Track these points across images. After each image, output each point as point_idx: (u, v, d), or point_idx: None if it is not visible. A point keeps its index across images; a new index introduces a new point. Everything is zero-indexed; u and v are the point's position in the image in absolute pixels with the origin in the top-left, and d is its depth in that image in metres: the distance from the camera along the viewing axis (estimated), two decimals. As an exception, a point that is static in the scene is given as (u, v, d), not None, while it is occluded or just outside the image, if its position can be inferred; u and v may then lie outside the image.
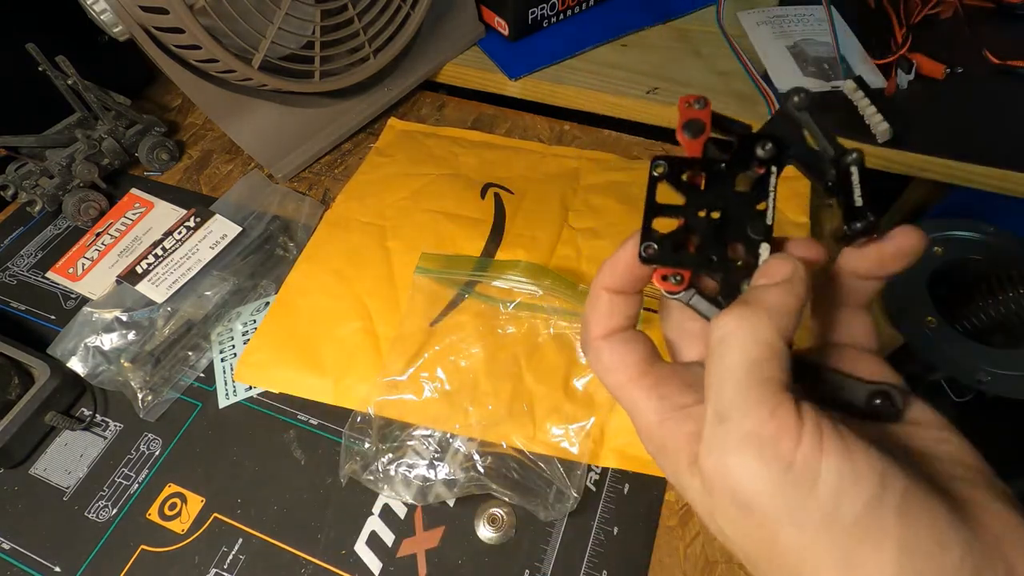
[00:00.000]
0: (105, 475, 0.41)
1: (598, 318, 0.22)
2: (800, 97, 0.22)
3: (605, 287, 0.22)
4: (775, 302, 0.19)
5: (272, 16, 0.48)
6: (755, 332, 0.18)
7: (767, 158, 0.21)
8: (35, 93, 0.53)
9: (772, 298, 0.19)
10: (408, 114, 0.63)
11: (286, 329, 0.46)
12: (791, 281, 0.19)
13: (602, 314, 0.22)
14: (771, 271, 0.20)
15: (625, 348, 0.22)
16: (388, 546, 0.37)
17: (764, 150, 0.21)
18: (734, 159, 0.22)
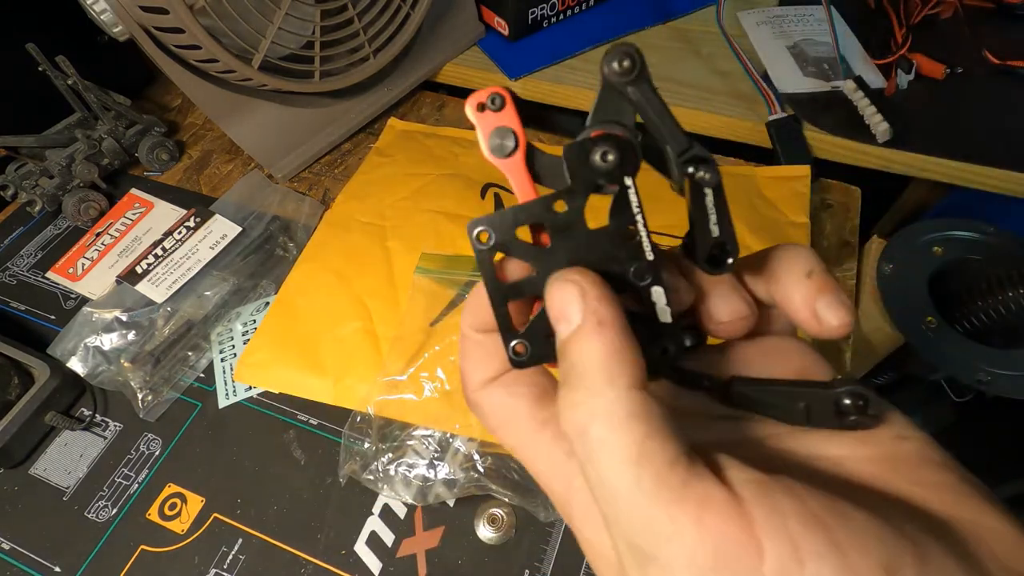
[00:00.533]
0: (105, 475, 0.41)
1: (472, 365, 0.18)
2: (625, 62, 0.16)
3: (472, 327, 0.18)
4: (595, 357, 0.14)
5: (272, 16, 0.48)
6: (604, 415, 0.13)
7: (609, 169, 0.16)
8: (35, 93, 0.53)
9: (588, 354, 0.14)
10: (408, 114, 0.63)
11: (286, 329, 0.46)
12: (587, 319, 0.14)
13: (476, 359, 0.18)
14: (554, 311, 0.15)
15: (511, 394, 0.18)
16: (388, 546, 0.37)
17: (603, 161, 0.15)
18: (572, 183, 0.16)
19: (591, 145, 0.16)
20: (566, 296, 0.15)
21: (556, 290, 0.15)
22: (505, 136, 0.16)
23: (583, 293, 0.15)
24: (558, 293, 0.15)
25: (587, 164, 0.16)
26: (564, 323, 0.15)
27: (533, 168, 0.17)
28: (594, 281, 0.15)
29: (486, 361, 0.18)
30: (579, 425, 0.14)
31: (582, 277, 0.15)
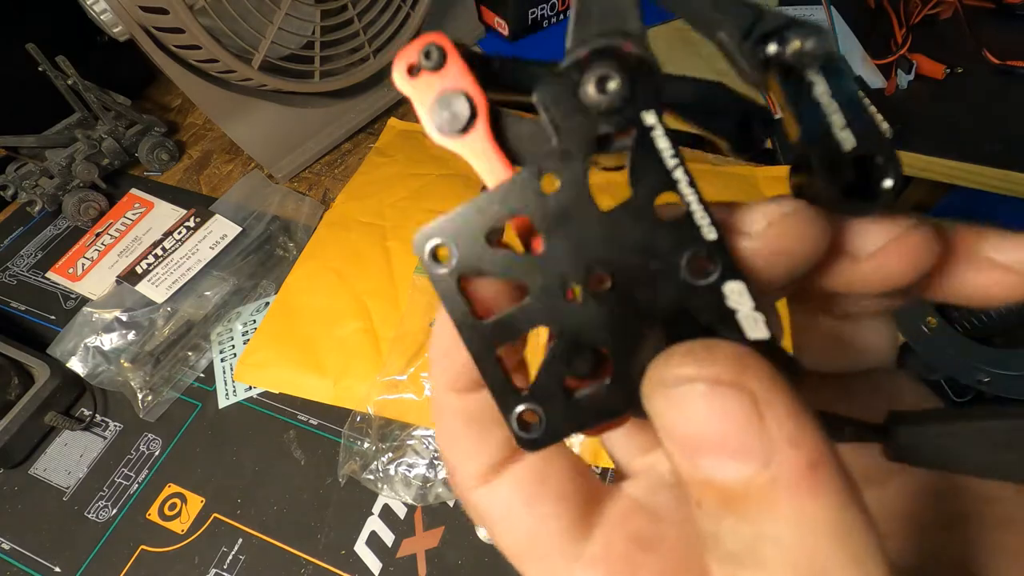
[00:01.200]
0: (105, 475, 0.41)
1: (460, 449, 0.12)
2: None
3: (450, 386, 0.12)
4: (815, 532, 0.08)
5: (272, 16, 0.48)
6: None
7: (614, 103, 0.10)
8: (35, 93, 0.53)
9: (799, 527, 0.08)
10: (408, 114, 0.63)
11: (286, 329, 0.46)
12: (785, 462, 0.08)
13: (464, 439, 0.12)
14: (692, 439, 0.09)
15: (531, 506, 0.12)
16: (388, 546, 0.37)
17: (601, 92, 0.10)
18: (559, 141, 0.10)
19: (578, 72, 0.10)
20: (727, 413, 0.08)
21: (700, 401, 0.08)
22: (454, 102, 0.10)
23: (758, 406, 0.08)
24: (708, 406, 0.08)
25: (578, 105, 0.10)
26: (727, 462, 0.08)
27: (506, 143, 0.11)
28: (773, 377, 0.08)
29: (480, 438, 0.12)
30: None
31: (744, 369, 0.08)
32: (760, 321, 0.10)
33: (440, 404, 0.12)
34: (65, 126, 0.56)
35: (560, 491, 0.12)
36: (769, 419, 0.08)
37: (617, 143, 0.10)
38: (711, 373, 0.08)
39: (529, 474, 0.12)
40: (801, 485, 0.08)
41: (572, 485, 0.12)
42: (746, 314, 0.10)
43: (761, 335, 0.10)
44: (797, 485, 0.08)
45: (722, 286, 0.10)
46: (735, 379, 0.08)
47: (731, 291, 0.10)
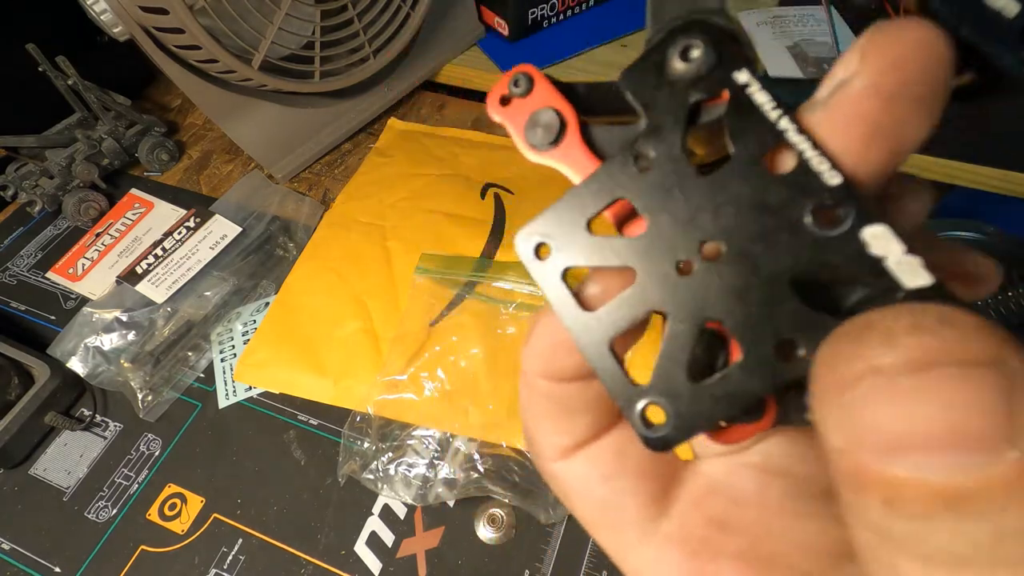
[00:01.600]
0: (105, 475, 0.41)
1: (546, 426, 0.12)
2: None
3: (543, 374, 0.12)
4: None
5: (272, 16, 0.48)
6: None
7: (702, 69, 0.10)
8: (35, 93, 0.53)
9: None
10: (408, 114, 0.63)
11: (286, 329, 0.46)
12: None
13: (551, 418, 0.12)
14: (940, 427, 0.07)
15: (608, 481, 0.12)
16: (388, 546, 0.37)
17: (687, 60, 0.10)
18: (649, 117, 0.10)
19: (662, 48, 0.10)
20: (981, 400, 0.07)
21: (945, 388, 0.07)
22: (544, 117, 0.11)
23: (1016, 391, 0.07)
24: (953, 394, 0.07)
25: (665, 80, 0.10)
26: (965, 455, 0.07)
27: (598, 149, 0.11)
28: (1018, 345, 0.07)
29: (564, 420, 0.12)
30: None
31: (1003, 349, 0.07)
32: (918, 265, 0.08)
33: (530, 384, 0.12)
34: (65, 126, 0.56)
35: (639, 468, 0.12)
36: (1020, 402, 0.07)
37: (712, 112, 0.10)
38: (965, 352, 0.07)
39: (609, 450, 0.12)
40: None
41: (651, 463, 0.12)
42: (897, 260, 0.08)
43: (924, 281, 0.08)
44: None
45: (860, 232, 0.09)
46: (996, 355, 0.07)
47: (872, 236, 0.09)
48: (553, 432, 0.12)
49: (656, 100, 0.10)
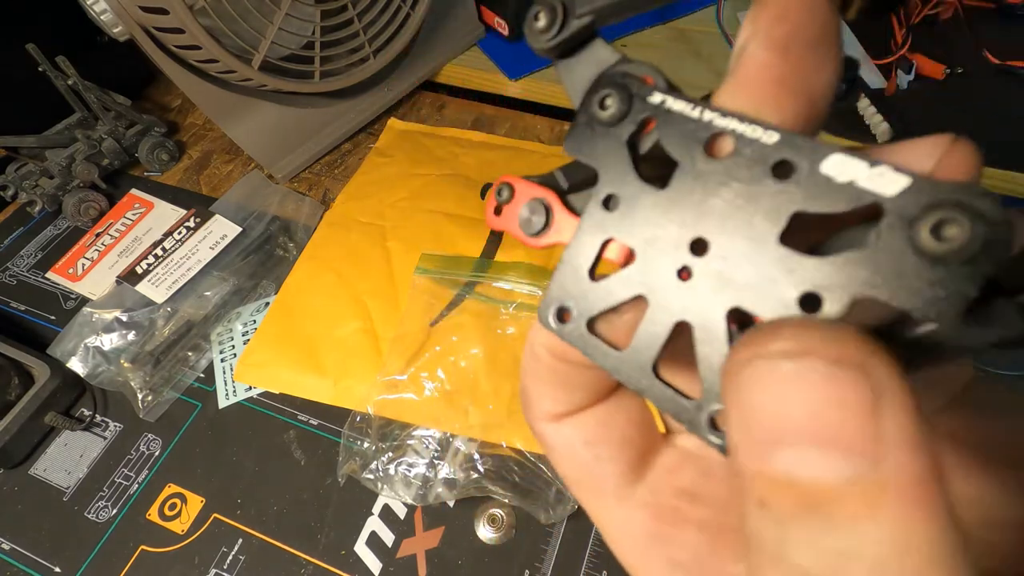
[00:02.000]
0: (105, 475, 0.41)
1: (541, 390, 0.13)
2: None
3: (551, 350, 0.12)
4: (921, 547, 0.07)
5: (272, 16, 0.48)
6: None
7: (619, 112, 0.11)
8: (35, 93, 0.53)
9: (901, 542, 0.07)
10: (408, 114, 0.63)
11: (286, 329, 0.46)
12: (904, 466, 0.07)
13: (547, 385, 0.13)
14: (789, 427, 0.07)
15: (590, 447, 0.12)
16: (388, 546, 0.37)
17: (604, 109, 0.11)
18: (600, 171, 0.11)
19: (586, 107, 0.11)
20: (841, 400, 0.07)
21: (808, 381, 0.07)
22: (532, 208, 0.12)
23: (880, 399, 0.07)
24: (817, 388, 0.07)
25: (600, 131, 0.11)
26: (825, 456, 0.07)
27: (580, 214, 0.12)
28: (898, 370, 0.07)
29: (561, 391, 0.13)
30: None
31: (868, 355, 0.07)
32: (888, 171, 0.08)
33: (536, 354, 0.12)
34: (65, 126, 0.56)
35: (621, 437, 0.12)
36: (888, 415, 0.07)
37: (650, 139, 0.11)
38: (834, 352, 0.07)
39: (595, 419, 0.13)
40: (913, 496, 0.07)
41: (633, 433, 0.13)
42: (867, 176, 0.08)
43: (903, 182, 0.08)
44: (908, 496, 0.06)
45: (819, 170, 0.09)
46: (862, 361, 0.07)
47: (832, 167, 0.09)
48: (548, 398, 0.13)
49: (598, 150, 0.11)
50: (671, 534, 0.12)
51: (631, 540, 0.12)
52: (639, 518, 0.12)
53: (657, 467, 0.13)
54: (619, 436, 0.13)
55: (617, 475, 0.12)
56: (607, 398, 0.13)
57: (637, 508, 0.12)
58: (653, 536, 0.12)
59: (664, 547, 0.12)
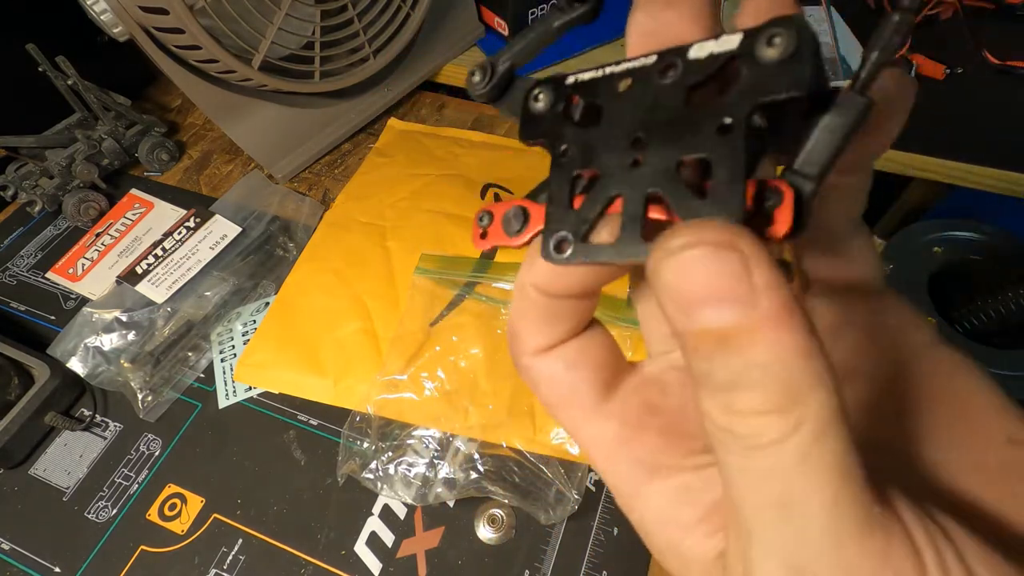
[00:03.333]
0: (105, 475, 0.41)
1: (528, 326, 0.15)
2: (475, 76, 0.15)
3: (538, 286, 0.14)
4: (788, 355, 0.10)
5: (272, 16, 0.48)
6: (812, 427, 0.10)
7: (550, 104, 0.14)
8: (35, 93, 0.53)
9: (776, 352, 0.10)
10: (408, 114, 0.63)
11: (286, 329, 0.46)
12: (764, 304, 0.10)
13: (534, 320, 0.15)
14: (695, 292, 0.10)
15: (571, 370, 0.15)
16: (388, 546, 0.37)
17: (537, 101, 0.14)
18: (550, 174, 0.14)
19: (525, 103, 0.14)
20: (723, 270, 0.10)
21: (700, 262, 0.10)
22: (511, 215, 0.15)
23: (748, 263, 0.10)
24: (705, 264, 0.10)
25: (538, 116, 0.14)
26: (721, 308, 0.10)
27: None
28: (756, 241, 0.10)
29: (547, 325, 0.15)
30: (766, 436, 0.10)
31: (734, 236, 0.10)
32: (725, 36, 0.11)
33: (526, 294, 0.14)
34: (65, 126, 0.56)
35: (595, 362, 0.15)
36: (755, 273, 0.10)
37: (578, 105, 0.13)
38: (712, 237, 0.10)
39: (574, 347, 0.15)
40: (779, 320, 0.10)
41: (605, 359, 0.15)
42: (716, 43, 0.11)
43: (739, 37, 0.11)
44: (776, 321, 0.10)
45: (688, 55, 0.12)
46: (731, 241, 0.10)
47: (696, 52, 0.12)
48: (536, 333, 0.15)
49: (544, 127, 0.14)
50: (634, 437, 0.15)
51: (603, 446, 0.15)
52: (610, 427, 0.15)
53: (624, 387, 0.15)
54: (594, 361, 0.15)
55: (593, 393, 0.15)
56: (583, 332, 0.15)
57: (608, 419, 0.15)
58: (621, 440, 0.15)
59: (629, 448, 0.15)
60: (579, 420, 0.15)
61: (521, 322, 0.15)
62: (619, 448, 0.15)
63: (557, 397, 0.15)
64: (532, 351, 0.15)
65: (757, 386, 0.10)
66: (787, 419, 0.10)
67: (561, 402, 0.15)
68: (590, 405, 0.15)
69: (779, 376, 0.10)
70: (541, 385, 0.15)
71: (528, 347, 0.15)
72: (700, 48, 0.12)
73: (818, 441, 0.10)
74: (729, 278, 0.10)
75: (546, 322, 0.15)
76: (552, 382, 0.15)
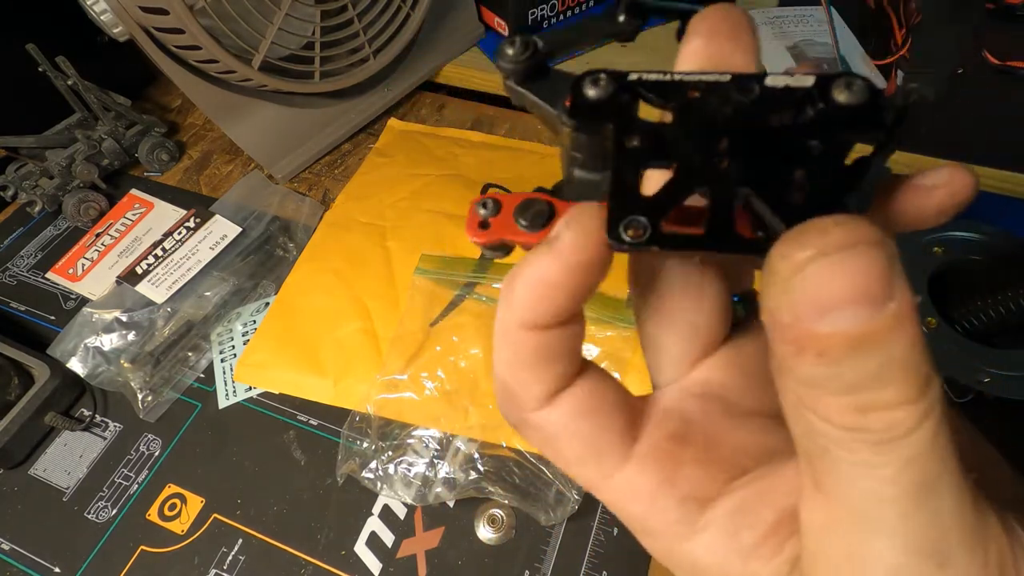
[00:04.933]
0: (105, 476, 0.41)
1: (529, 374, 0.13)
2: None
3: (525, 324, 0.13)
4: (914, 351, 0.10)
5: (272, 16, 0.48)
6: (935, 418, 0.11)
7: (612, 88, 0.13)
8: (35, 93, 0.53)
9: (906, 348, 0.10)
10: (408, 114, 0.63)
11: (286, 329, 0.46)
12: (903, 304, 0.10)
13: (534, 364, 0.13)
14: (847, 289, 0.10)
15: (587, 417, 0.14)
16: (388, 547, 0.37)
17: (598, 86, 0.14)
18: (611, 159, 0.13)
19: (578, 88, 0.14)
20: (874, 269, 0.10)
21: (853, 261, 0.10)
22: (536, 209, 0.15)
23: (894, 262, 0.10)
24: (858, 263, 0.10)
25: (593, 105, 0.13)
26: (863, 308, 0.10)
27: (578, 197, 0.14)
28: (894, 248, 0.10)
29: (543, 368, 0.13)
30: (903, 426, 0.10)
31: (884, 235, 0.10)
32: (799, 75, 0.12)
33: (509, 338, 0.13)
34: (65, 126, 0.56)
35: (611, 403, 0.14)
36: (896, 270, 0.10)
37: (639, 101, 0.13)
38: (865, 236, 0.10)
39: (584, 390, 0.14)
40: (911, 316, 0.10)
41: (620, 399, 0.14)
42: (792, 80, 0.12)
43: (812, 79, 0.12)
44: (909, 316, 0.10)
45: (764, 85, 0.13)
46: (880, 239, 0.10)
47: (772, 81, 0.13)
48: (534, 382, 0.13)
49: (601, 114, 0.13)
50: (676, 474, 0.13)
51: (643, 493, 0.13)
52: (646, 470, 0.14)
53: (647, 423, 0.14)
54: (610, 401, 0.14)
55: (617, 437, 0.14)
56: (585, 370, 0.14)
57: (642, 462, 0.14)
58: (662, 481, 0.13)
59: (674, 487, 0.13)
60: (609, 470, 0.14)
61: (513, 374, 0.13)
62: (663, 490, 0.13)
63: (579, 450, 0.14)
64: (534, 405, 0.14)
65: (895, 381, 0.10)
66: (919, 407, 0.10)
67: (584, 454, 0.14)
68: (618, 452, 0.14)
69: (913, 368, 0.10)
70: (559, 441, 0.14)
71: (529, 401, 0.14)
72: (775, 79, 0.13)
73: (942, 425, 0.11)
74: (879, 279, 0.10)
75: (542, 365, 0.13)
76: (571, 433, 0.13)
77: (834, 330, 0.10)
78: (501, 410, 0.14)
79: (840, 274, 0.10)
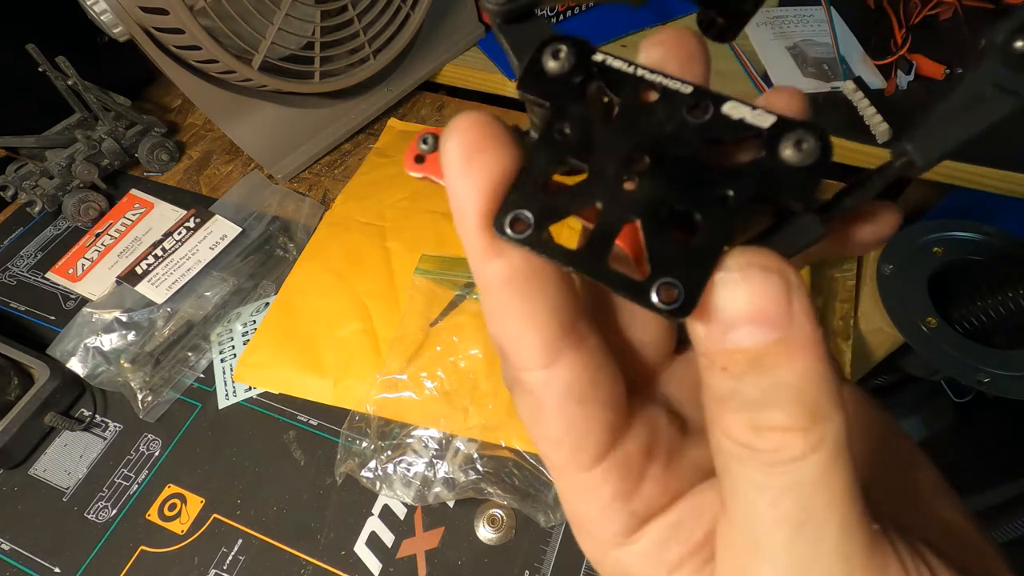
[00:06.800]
0: (105, 476, 0.41)
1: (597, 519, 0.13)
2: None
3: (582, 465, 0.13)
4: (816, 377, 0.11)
5: (272, 17, 0.48)
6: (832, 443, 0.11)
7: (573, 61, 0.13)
8: (35, 93, 0.53)
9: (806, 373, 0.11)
10: (408, 115, 0.63)
11: (286, 330, 0.46)
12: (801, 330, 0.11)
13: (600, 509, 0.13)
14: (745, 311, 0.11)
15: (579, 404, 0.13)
16: (388, 547, 0.37)
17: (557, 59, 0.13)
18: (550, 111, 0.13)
19: (538, 58, 0.13)
20: (770, 292, 0.11)
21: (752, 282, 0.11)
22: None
23: (791, 291, 0.11)
24: (755, 286, 0.11)
25: (548, 77, 0.13)
26: (761, 329, 0.11)
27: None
28: (798, 275, 0.11)
29: (627, 483, 0.13)
30: (789, 452, 0.11)
31: (784, 266, 0.11)
32: (764, 113, 0.12)
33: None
34: (65, 126, 0.56)
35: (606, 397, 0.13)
36: (795, 300, 0.11)
37: (594, 84, 0.13)
38: (764, 262, 0.11)
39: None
40: (809, 347, 0.11)
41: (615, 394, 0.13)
42: (752, 115, 0.12)
43: (771, 120, 0.12)
44: (807, 347, 0.11)
45: (720, 111, 0.12)
46: (780, 268, 0.11)
47: (730, 109, 0.12)
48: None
49: (550, 90, 0.13)
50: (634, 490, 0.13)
51: (597, 500, 0.13)
52: (610, 480, 0.13)
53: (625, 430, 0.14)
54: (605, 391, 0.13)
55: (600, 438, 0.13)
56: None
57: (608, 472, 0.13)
58: (620, 494, 0.13)
59: (627, 502, 0.13)
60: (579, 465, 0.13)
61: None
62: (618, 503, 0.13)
63: (560, 434, 0.13)
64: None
65: (784, 404, 0.11)
66: (808, 438, 0.11)
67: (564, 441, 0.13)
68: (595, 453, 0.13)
69: (805, 397, 0.11)
70: (546, 413, 0.13)
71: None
72: (735, 107, 0.12)
73: (835, 462, 0.11)
74: (774, 302, 0.11)
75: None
76: (559, 414, 0.13)
77: (736, 346, 0.11)
78: (502, 374, 0.14)
79: (743, 292, 0.11)
